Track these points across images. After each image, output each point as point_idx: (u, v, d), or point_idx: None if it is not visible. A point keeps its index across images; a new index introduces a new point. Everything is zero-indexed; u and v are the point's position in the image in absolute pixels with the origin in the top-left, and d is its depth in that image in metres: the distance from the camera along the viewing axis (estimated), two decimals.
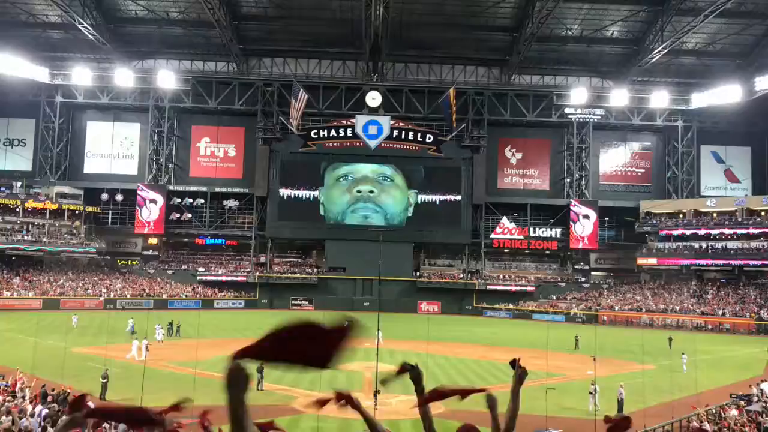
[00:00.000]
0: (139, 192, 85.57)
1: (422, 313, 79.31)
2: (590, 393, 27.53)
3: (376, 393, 24.12)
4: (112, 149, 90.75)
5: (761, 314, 69.49)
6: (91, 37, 76.64)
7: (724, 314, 71.92)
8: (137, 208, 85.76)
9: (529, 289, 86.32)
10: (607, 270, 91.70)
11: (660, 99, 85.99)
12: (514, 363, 3.78)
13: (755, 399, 26.20)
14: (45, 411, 19.27)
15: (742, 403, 25.81)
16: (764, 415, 21.94)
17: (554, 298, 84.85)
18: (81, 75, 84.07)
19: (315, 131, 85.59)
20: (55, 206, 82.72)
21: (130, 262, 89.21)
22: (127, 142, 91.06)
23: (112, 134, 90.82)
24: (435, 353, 40.20)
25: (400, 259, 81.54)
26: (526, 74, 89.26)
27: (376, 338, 36.26)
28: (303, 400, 28.25)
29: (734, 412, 23.66)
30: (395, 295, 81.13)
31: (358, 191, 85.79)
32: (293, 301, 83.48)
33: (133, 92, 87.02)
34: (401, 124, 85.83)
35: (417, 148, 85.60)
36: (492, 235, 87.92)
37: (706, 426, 20.32)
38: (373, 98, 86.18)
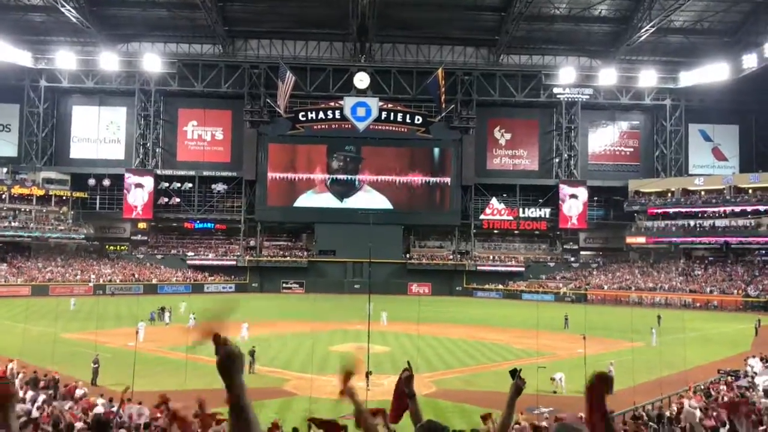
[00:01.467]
0: (126, 177, 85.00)
1: (413, 295, 79.49)
2: (553, 382, 27.14)
3: (368, 374, 24.17)
4: (98, 134, 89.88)
5: (748, 291, 70.13)
6: (74, 19, 75.63)
7: (712, 291, 72.52)
8: (125, 192, 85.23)
9: (519, 269, 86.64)
10: (596, 249, 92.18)
11: (648, 78, 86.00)
12: (514, 372, 3.61)
13: (742, 374, 26.46)
14: (42, 397, 19.13)
15: (730, 378, 26.08)
16: (751, 390, 22.15)
17: (543, 277, 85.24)
18: (65, 59, 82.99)
19: (303, 114, 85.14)
20: (41, 192, 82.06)
21: (118, 247, 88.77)
22: (113, 126, 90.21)
23: (98, 118, 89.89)
24: (426, 334, 40.32)
25: (390, 241, 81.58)
26: (514, 54, 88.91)
27: (380, 320, 36.23)
28: (295, 382, 28.32)
29: (723, 387, 23.90)
30: (385, 277, 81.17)
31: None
32: (284, 284, 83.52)
33: (118, 76, 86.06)
34: (390, 105, 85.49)
35: (405, 130, 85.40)
36: (482, 216, 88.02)
37: (693, 402, 20.49)
38: (361, 80, 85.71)
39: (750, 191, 79.54)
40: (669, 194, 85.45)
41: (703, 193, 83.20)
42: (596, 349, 33.48)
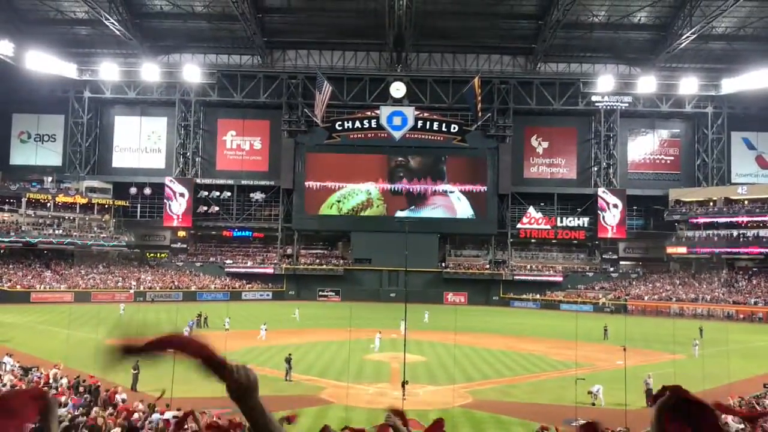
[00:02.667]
0: (167, 185, 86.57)
1: (448, 304, 79.23)
2: (590, 395, 26.51)
3: (404, 384, 24.15)
4: (139, 143, 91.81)
5: None
6: (118, 32, 77.53)
7: (756, 303, 70.74)
8: (165, 201, 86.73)
9: (557, 279, 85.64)
10: (635, 259, 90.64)
11: (689, 85, 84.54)
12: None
13: None
14: (80, 401, 19.56)
15: None
16: None
17: (582, 287, 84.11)
18: (108, 70, 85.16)
19: (340, 123, 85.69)
20: (84, 200, 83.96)
21: (158, 255, 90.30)
22: (154, 136, 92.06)
23: (140, 129, 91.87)
24: (462, 344, 40.02)
25: (425, 249, 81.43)
26: (551, 62, 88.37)
27: (400, 329, 36.04)
28: (331, 390, 28.42)
29: None
30: (421, 285, 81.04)
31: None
32: (320, 293, 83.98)
33: (159, 87, 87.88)
34: (426, 114, 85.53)
35: (442, 139, 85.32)
36: (518, 225, 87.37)
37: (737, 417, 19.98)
38: (398, 89, 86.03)
39: None
40: (711, 203, 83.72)
41: (746, 202, 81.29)
42: (636, 360, 32.93)
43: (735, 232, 79.72)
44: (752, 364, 36.34)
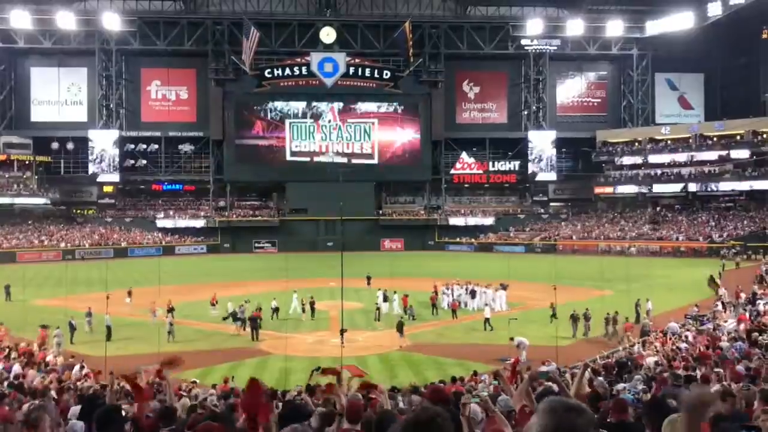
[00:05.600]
0: (90, 139, 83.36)
1: (385, 251, 80.00)
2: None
3: (342, 331, 24.38)
4: (59, 96, 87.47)
5: (713, 237, 71.61)
6: None
7: (678, 239, 73.91)
8: (90, 155, 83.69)
9: (490, 222, 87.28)
10: (565, 200, 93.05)
11: (615, 28, 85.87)
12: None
13: (707, 320, 27.15)
14: (17, 366, 18.91)
15: (693, 322, 26.76)
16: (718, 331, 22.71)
17: (513, 229, 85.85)
18: (19, 18, 79.86)
19: (269, 70, 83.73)
20: (3, 157, 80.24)
21: (86, 211, 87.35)
22: (74, 87, 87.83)
23: (59, 80, 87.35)
24: (400, 288, 40.54)
25: (361, 197, 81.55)
26: (482, 5, 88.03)
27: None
28: (270, 341, 28.48)
29: (673, 324, 24.88)
30: (358, 233, 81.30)
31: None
32: (256, 244, 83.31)
33: (77, 35, 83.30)
34: (357, 60, 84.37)
35: (374, 85, 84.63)
36: (452, 171, 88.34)
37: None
38: (328, 34, 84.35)
39: (715, 139, 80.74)
40: (636, 144, 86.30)
41: (669, 142, 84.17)
42: (566, 298, 33.99)
43: (658, 171, 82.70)
44: (675, 297, 38.07)
